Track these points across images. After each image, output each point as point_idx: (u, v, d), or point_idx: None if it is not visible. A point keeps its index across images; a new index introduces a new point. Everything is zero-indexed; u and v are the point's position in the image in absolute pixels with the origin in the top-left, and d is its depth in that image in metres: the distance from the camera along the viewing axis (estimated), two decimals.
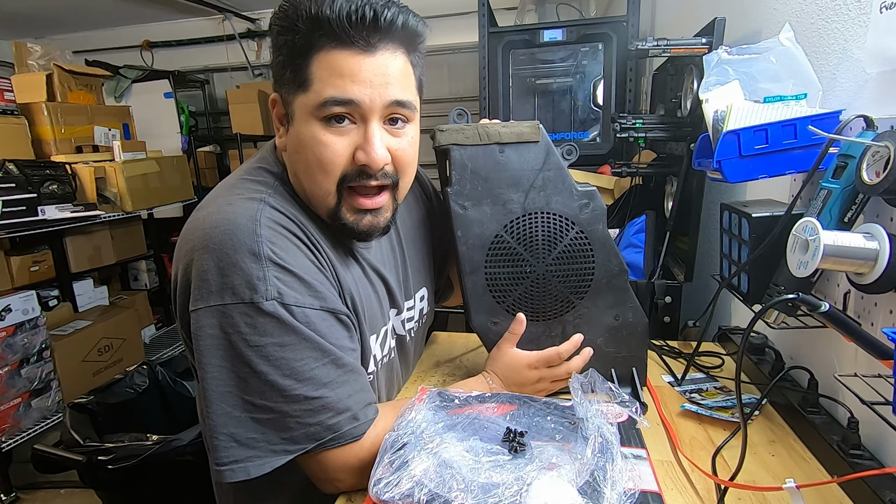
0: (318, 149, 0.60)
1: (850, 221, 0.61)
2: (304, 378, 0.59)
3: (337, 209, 0.64)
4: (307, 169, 0.62)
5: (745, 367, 0.88)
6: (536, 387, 0.81)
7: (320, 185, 0.62)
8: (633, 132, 1.18)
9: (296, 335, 0.59)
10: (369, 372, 0.73)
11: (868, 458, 0.61)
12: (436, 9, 3.19)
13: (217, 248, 0.57)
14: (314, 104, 0.59)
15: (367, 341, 0.71)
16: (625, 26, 1.67)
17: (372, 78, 0.59)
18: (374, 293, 0.74)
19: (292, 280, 0.59)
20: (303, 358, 0.59)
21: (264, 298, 0.57)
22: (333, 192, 0.62)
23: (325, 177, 0.62)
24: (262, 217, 0.60)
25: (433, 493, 0.49)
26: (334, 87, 0.58)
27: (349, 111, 0.60)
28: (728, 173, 0.75)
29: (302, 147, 0.62)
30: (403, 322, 0.84)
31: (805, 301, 0.53)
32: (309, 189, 0.64)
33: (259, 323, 0.57)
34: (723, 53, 0.83)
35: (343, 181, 0.62)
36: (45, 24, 3.51)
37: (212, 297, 0.57)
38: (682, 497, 0.62)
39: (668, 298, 1.12)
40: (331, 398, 0.60)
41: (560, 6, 2.25)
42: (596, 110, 1.81)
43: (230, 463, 0.58)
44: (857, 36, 0.70)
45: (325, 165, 0.61)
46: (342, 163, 0.61)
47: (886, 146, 0.53)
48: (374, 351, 0.74)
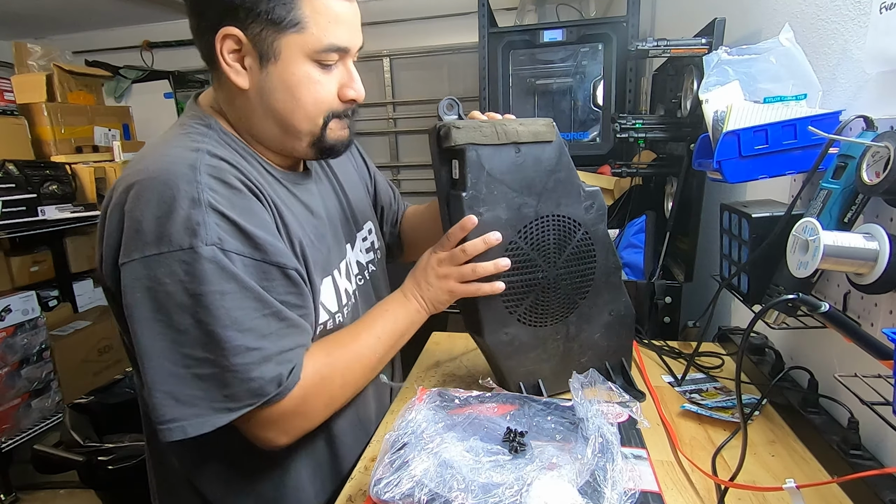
0: (313, 87, 0.63)
1: (850, 222, 0.61)
2: (245, 328, 0.56)
3: (322, 134, 0.67)
4: (296, 106, 0.64)
5: (745, 368, 0.88)
6: (444, 284, 0.74)
7: (311, 119, 0.65)
8: (633, 132, 1.18)
9: (236, 283, 0.56)
10: (343, 305, 0.73)
11: (868, 458, 0.61)
12: (436, 9, 3.19)
13: (154, 198, 0.55)
14: (313, 48, 0.61)
15: (319, 282, 0.69)
16: (625, 26, 1.68)
17: (354, 22, 0.66)
18: (322, 231, 0.73)
19: (233, 230, 0.57)
20: (243, 307, 0.57)
21: (204, 244, 0.54)
22: (321, 122, 0.66)
23: (317, 111, 0.65)
24: (201, 165, 0.58)
25: (433, 492, 0.49)
26: (333, 34, 0.62)
27: (339, 56, 0.65)
28: (728, 173, 0.75)
29: (292, 86, 0.62)
30: (362, 252, 0.85)
31: (805, 301, 0.53)
32: (291, 123, 0.65)
33: (198, 270, 0.54)
34: (723, 54, 0.83)
35: (330, 114, 0.67)
36: (45, 24, 3.51)
37: (147, 247, 0.54)
38: (682, 497, 0.62)
39: (668, 298, 1.12)
40: (271, 350, 0.58)
41: (560, 6, 2.25)
42: (596, 110, 1.81)
43: (169, 421, 0.55)
44: (856, 36, 0.70)
45: (319, 102, 0.65)
46: (332, 99, 0.66)
47: (886, 146, 0.53)
48: (343, 285, 0.75)
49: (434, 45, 3.27)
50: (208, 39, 0.61)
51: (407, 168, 3.58)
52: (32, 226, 2.11)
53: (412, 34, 3.30)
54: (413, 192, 3.60)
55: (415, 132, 3.49)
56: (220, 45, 0.61)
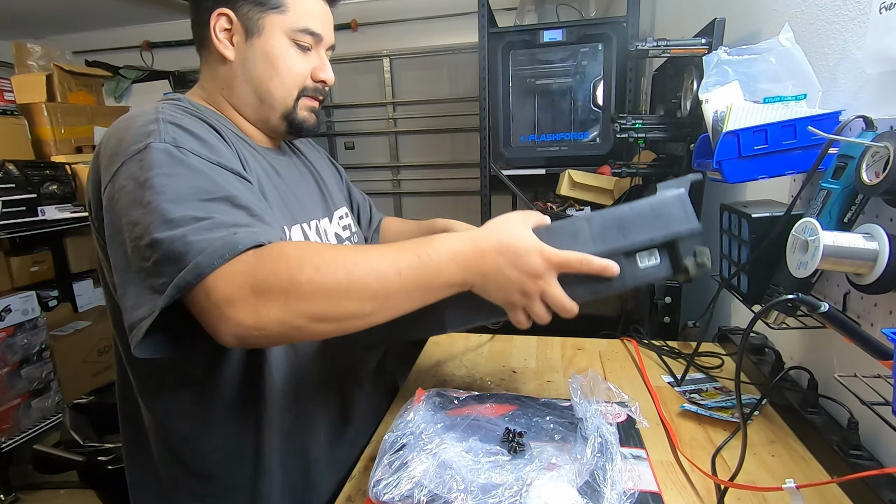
0: (290, 60, 0.72)
1: (849, 222, 0.61)
2: (193, 204, 0.53)
3: (294, 107, 0.75)
4: (273, 73, 0.72)
5: (745, 368, 0.88)
6: (513, 298, 0.58)
7: (287, 87, 0.73)
8: (632, 132, 1.18)
9: (185, 167, 0.55)
10: None
11: (868, 458, 0.61)
12: (436, 9, 3.19)
13: (119, 131, 0.60)
14: (292, 26, 0.71)
15: (287, 228, 0.70)
16: (625, 26, 1.67)
17: (328, 20, 0.76)
18: (287, 189, 0.75)
19: (189, 136, 0.59)
20: (193, 186, 0.54)
21: (158, 141, 0.56)
22: (295, 94, 0.74)
23: (292, 81, 0.73)
24: (164, 104, 0.65)
25: (433, 493, 0.49)
26: (309, 20, 0.72)
27: (313, 42, 0.74)
28: (728, 174, 0.74)
29: (272, 56, 0.71)
30: (340, 228, 0.86)
31: (805, 301, 0.53)
32: (267, 90, 0.73)
33: (149, 160, 0.55)
34: (722, 54, 0.83)
35: (302, 91, 0.75)
36: (45, 24, 3.51)
37: (113, 165, 0.57)
38: (682, 497, 0.62)
39: (668, 298, 1.12)
40: (222, 219, 0.53)
41: (560, 7, 2.24)
42: (596, 110, 1.81)
43: (132, 332, 0.52)
44: (856, 36, 0.70)
45: (294, 74, 0.73)
46: (306, 75, 0.75)
47: (886, 146, 0.53)
48: (315, 239, 0.76)
49: (434, 45, 3.27)
50: (205, 21, 0.70)
51: (407, 168, 3.57)
52: (32, 226, 2.11)
53: (412, 34, 3.30)
54: (413, 192, 3.60)
55: (415, 132, 3.49)
56: (214, 22, 0.70)
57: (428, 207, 3.56)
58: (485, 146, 1.83)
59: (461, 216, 3.56)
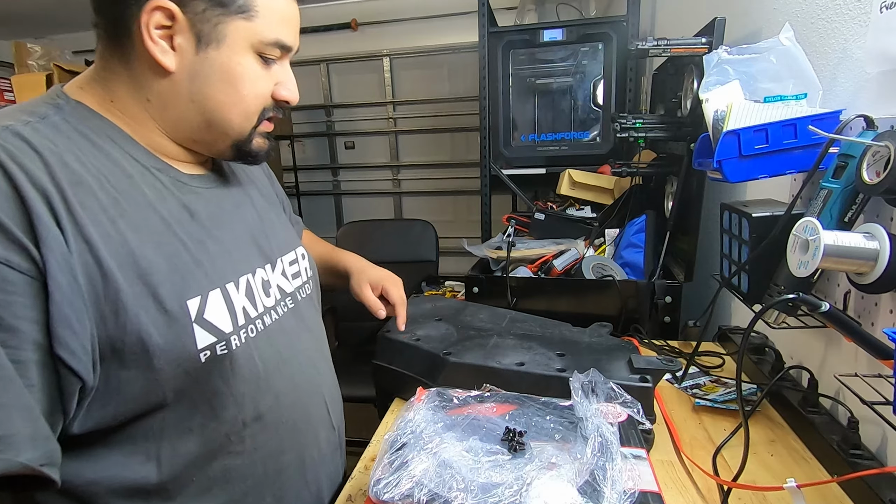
0: (255, 80, 0.59)
1: (850, 221, 0.61)
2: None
3: (250, 136, 0.62)
4: (236, 99, 0.58)
5: (745, 367, 0.88)
6: None
7: (247, 114, 0.60)
8: (633, 132, 1.18)
9: None
10: (240, 328, 0.59)
11: (868, 457, 0.61)
12: (436, 9, 3.19)
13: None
14: (260, 39, 0.57)
15: (189, 294, 0.54)
16: (625, 26, 1.67)
17: (297, 25, 0.62)
18: (203, 237, 0.59)
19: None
20: None
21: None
22: (255, 122, 0.61)
23: (255, 107, 0.60)
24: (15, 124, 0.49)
25: (433, 493, 0.49)
26: (282, 32, 0.59)
27: (280, 55, 0.61)
28: (728, 173, 0.74)
29: (234, 77, 0.57)
30: (287, 277, 0.73)
31: (805, 301, 0.53)
32: (223, 117, 0.59)
33: None
34: (723, 53, 0.83)
35: (261, 115, 0.61)
36: (45, 24, 3.51)
37: None
38: (683, 497, 0.62)
39: (668, 298, 1.12)
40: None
41: (560, 6, 2.24)
42: (596, 110, 1.81)
43: None
44: (857, 36, 0.70)
45: (258, 98, 0.60)
46: (266, 95, 0.61)
47: (886, 146, 0.53)
48: (240, 303, 0.60)
49: (434, 45, 3.27)
50: (126, 8, 0.52)
51: (407, 168, 3.57)
52: None
53: (412, 34, 3.30)
54: (413, 191, 3.60)
55: (415, 132, 3.49)
56: (147, 17, 0.52)
57: (428, 207, 3.56)
58: (485, 146, 1.83)
59: (461, 215, 3.56)
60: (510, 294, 1.23)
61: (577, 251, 1.34)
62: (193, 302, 0.55)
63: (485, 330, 0.91)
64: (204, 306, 0.55)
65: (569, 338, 0.87)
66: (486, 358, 0.79)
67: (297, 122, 3.59)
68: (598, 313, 1.16)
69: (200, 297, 0.55)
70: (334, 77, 3.56)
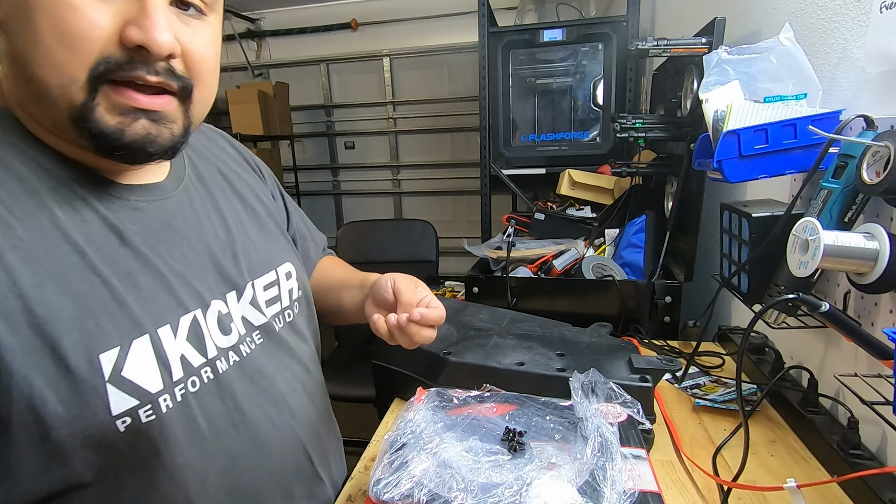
0: (61, 11, 0.39)
1: (850, 221, 0.61)
2: None
3: (87, 108, 0.41)
4: (35, 43, 0.39)
5: (745, 367, 0.88)
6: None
7: (59, 68, 0.40)
8: (633, 132, 1.18)
9: None
10: (176, 383, 0.47)
11: (868, 457, 0.61)
12: (436, 9, 3.20)
13: None
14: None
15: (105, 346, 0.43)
16: (625, 26, 1.67)
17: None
18: (133, 267, 0.47)
19: None
20: None
21: None
22: (83, 81, 0.40)
23: (70, 56, 0.39)
24: None
25: (433, 493, 0.49)
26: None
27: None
28: (728, 173, 0.74)
29: (31, 8, 0.39)
30: (260, 305, 0.59)
31: (805, 301, 0.53)
32: (34, 75, 0.40)
33: None
34: (723, 53, 0.83)
35: (102, 70, 0.40)
36: None
37: None
38: (682, 497, 0.62)
39: (668, 298, 1.12)
40: None
41: (560, 6, 2.24)
42: (596, 110, 1.81)
43: None
44: (857, 36, 0.70)
45: (71, 38, 0.39)
46: (101, 39, 0.40)
47: (886, 146, 0.53)
48: (180, 351, 0.48)
49: (434, 45, 3.28)
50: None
51: (407, 168, 3.57)
52: None
53: (412, 34, 3.30)
54: (413, 191, 3.60)
55: (415, 132, 3.49)
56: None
57: (428, 207, 3.56)
58: (485, 146, 1.83)
59: (461, 215, 3.57)
60: (510, 294, 1.23)
61: (577, 251, 1.34)
62: (109, 355, 0.43)
63: (485, 330, 0.91)
64: (123, 360, 0.43)
65: (569, 338, 0.87)
66: (486, 358, 0.79)
67: (297, 122, 3.59)
68: (598, 313, 1.16)
69: (120, 347, 0.43)
70: (334, 77, 3.56)
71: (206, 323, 0.52)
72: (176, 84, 0.45)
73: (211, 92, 0.51)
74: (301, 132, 3.68)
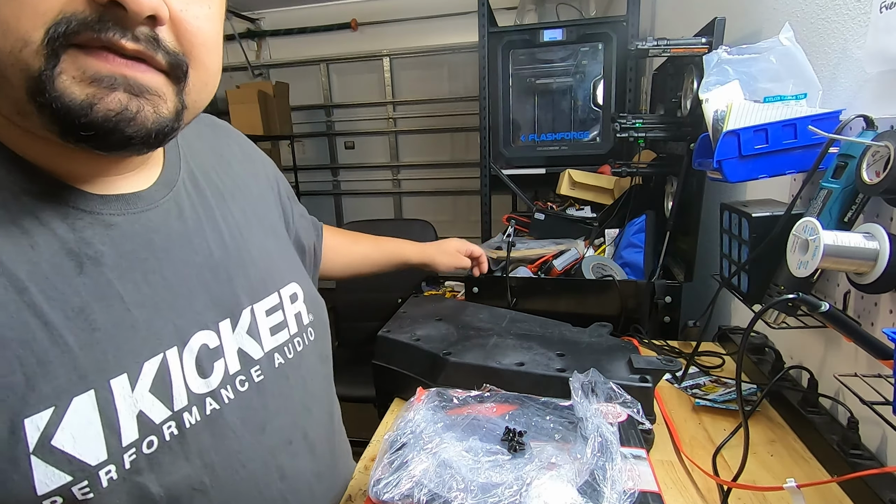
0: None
1: (850, 221, 0.61)
2: None
3: (45, 77, 0.32)
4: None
5: (745, 367, 0.88)
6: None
7: (6, 27, 0.31)
8: (633, 132, 1.18)
9: None
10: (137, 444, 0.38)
11: (868, 457, 0.61)
12: (436, 9, 3.20)
13: None
14: None
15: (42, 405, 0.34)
16: (625, 26, 1.67)
17: None
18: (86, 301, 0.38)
19: None
20: None
21: None
22: (38, 43, 0.31)
23: (19, 10, 0.31)
24: None
25: (433, 493, 0.49)
26: None
27: None
28: (728, 173, 0.74)
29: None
30: (260, 334, 0.51)
31: (805, 301, 0.53)
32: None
33: None
34: (723, 53, 0.83)
35: (63, 31, 0.32)
36: None
37: None
38: (682, 497, 0.62)
39: (668, 298, 1.12)
40: None
41: (560, 6, 2.24)
42: (596, 110, 1.81)
43: None
44: (856, 36, 0.70)
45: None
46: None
47: (886, 146, 0.53)
48: (143, 406, 0.39)
49: (434, 45, 3.27)
50: None
51: (407, 168, 3.57)
52: None
53: (412, 34, 3.30)
54: (413, 191, 3.60)
55: (415, 132, 3.49)
56: None
57: (428, 207, 3.56)
58: (485, 146, 1.83)
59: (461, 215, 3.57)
60: (510, 294, 1.23)
61: (576, 251, 1.34)
62: (36, 419, 0.34)
63: (485, 330, 0.91)
64: (56, 425, 0.34)
65: (569, 338, 0.87)
66: (486, 358, 0.79)
67: (297, 122, 3.59)
68: (598, 313, 1.16)
69: (54, 409, 0.34)
70: (334, 77, 3.56)
71: (180, 364, 0.42)
72: (162, 58, 0.36)
73: (210, 74, 0.42)
74: (301, 132, 3.68)
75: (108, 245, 0.40)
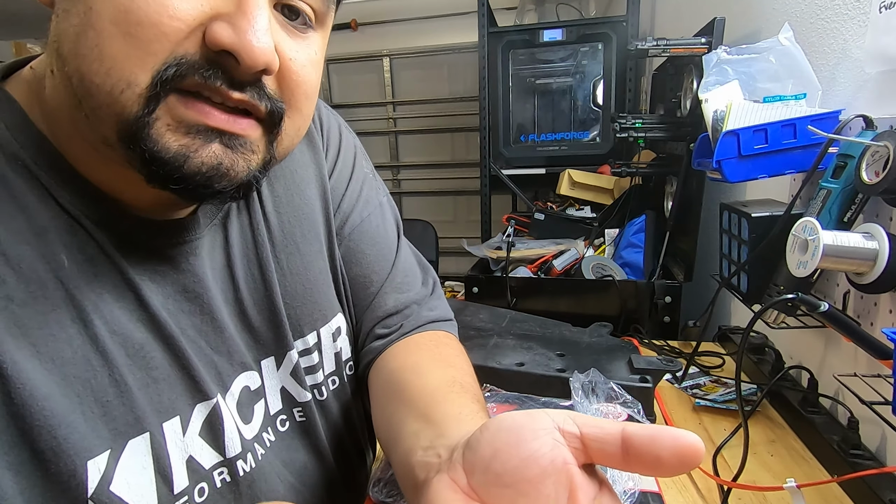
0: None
1: (849, 221, 0.61)
2: None
3: (141, 123, 0.29)
4: (87, 27, 0.28)
5: (745, 367, 0.88)
6: None
7: (114, 65, 0.28)
8: (632, 132, 1.18)
9: None
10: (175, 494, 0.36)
11: (868, 457, 0.61)
12: (436, 9, 3.19)
13: None
14: None
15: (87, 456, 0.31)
16: (624, 26, 1.67)
17: None
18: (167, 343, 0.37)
19: None
20: None
21: None
22: (143, 87, 0.29)
23: (132, 49, 0.28)
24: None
25: None
26: None
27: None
28: (728, 173, 0.75)
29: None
30: (301, 376, 0.47)
31: (804, 301, 0.53)
32: (80, 72, 0.29)
33: None
34: (722, 53, 0.83)
35: (171, 74, 0.29)
36: (45, 24, 3.51)
37: None
38: (682, 497, 0.62)
39: (668, 298, 1.12)
40: None
41: (560, 6, 2.24)
42: (596, 110, 1.81)
43: None
44: (856, 35, 0.70)
45: (138, 25, 0.28)
46: (178, 32, 0.29)
47: (886, 146, 0.53)
48: (191, 450, 0.37)
49: (434, 45, 3.27)
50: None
51: (407, 168, 3.57)
52: None
53: (412, 34, 3.30)
54: (413, 191, 3.60)
55: (415, 132, 3.49)
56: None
57: (428, 207, 3.56)
58: (485, 146, 1.83)
59: (461, 215, 3.56)
60: (510, 294, 1.23)
61: (576, 251, 1.34)
62: (98, 461, 0.32)
63: (485, 330, 0.91)
64: (113, 469, 0.33)
65: (569, 338, 0.87)
66: (486, 358, 0.79)
67: None
68: (598, 313, 1.16)
69: (110, 451, 0.33)
70: (334, 77, 3.56)
71: (227, 408, 0.40)
72: (264, 106, 0.33)
73: (305, 123, 0.39)
74: None
75: (157, 282, 0.38)
